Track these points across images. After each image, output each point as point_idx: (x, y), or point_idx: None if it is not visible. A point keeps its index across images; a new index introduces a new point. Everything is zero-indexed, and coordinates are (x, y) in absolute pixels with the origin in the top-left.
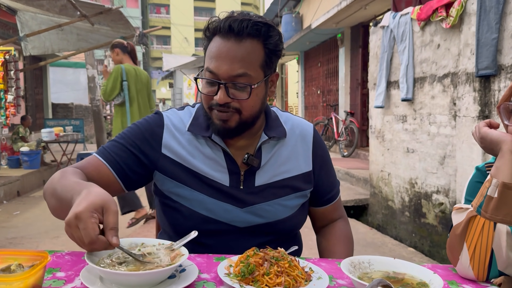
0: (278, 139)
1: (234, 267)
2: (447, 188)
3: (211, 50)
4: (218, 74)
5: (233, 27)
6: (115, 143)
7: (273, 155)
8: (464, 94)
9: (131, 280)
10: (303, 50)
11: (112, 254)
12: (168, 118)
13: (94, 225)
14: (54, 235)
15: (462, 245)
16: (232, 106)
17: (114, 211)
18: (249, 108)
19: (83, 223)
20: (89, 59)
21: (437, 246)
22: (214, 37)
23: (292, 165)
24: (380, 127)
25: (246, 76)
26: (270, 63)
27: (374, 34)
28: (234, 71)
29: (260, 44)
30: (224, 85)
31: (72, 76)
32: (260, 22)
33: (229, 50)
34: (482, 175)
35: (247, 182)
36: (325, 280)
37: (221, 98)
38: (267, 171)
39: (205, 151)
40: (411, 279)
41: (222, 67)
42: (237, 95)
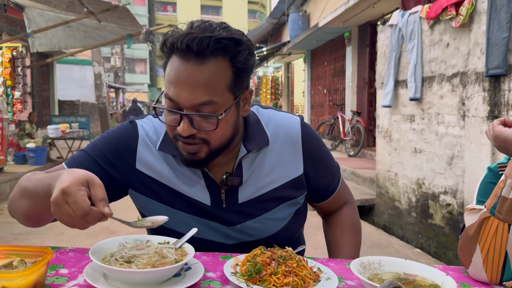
0: (260, 148)
1: (240, 266)
2: (455, 189)
3: (169, 73)
4: (179, 102)
5: (192, 46)
6: (85, 154)
7: (256, 167)
8: (473, 94)
9: (135, 278)
10: (309, 49)
11: (115, 253)
12: (142, 128)
13: (84, 197)
14: (59, 231)
15: (475, 246)
16: (199, 137)
17: (99, 184)
18: (218, 138)
19: (72, 196)
20: (96, 56)
21: (444, 247)
22: (172, 55)
23: (278, 173)
24: (388, 126)
25: (212, 103)
26: (240, 83)
27: (382, 33)
28: (197, 99)
29: (227, 62)
30: (187, 116)
31: (78, 73)
32: (224, 38)
33: (190, 75)
34: (495, 175)
35: (229, 200)
36: (334, 280)
37: (184, 130)
38: (251, 185)
39: (181, 168)
40: (423, 281)
41: (182, 94)
42: (203, 126)
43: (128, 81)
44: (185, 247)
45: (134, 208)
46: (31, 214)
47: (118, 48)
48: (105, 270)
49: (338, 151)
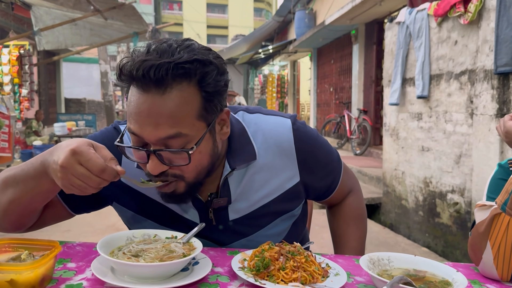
0: (247, 163)
1: (248, 261)
2: (463, 188)
3: (129, 104)
4: (143, 138)
5: (150, 75)
6: None
7: (246, 184)
8: (481, 91)
9: (143, 272)
10: (316, 47)
11: (123, 247)
12: (127, 134)
13: (97, 154)
14: (66, 228)
15: (486, 243)
16: (171, 174)
17: (103, 146)
18: (192, 171)
19: (84, 155)
20: (102, 55)
21: (451, 246)
22: (132, 84)
23: (272, 186)
24: (395, 124)
25: (180, 136)
26: (212, 107)
27: (390, 30)
28: (162, 133)
29: (193, 88)
30: (153, 153)
31: (85, 71)
32: (186, 62)
33: (151, 107)
34: (505, 172)
35: (219, 219)
36: (343, 276)
37: (153, 169)
38: (242, 202)
39: None
40: (433, 277)
41: (145, 129)
42: (174, 161)
43: None
44: (192, 241)
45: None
46: (17, 205)
47: (124, 46)
48: (113, 264)
49: (344, 149)
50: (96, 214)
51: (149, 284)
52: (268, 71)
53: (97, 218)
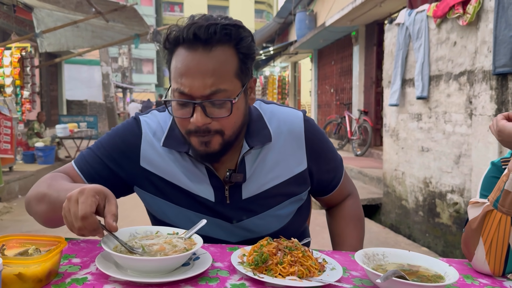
0: (263, 145)
1: (247, 256)
2: (462, 188)
3: (176, 66)
4: (190, 93)
5: (199, 34)
6: (92, 153)
7: (259, 164)
8: (480, 92)
9: (145, 266)
10: (316, 48)
11: (128, 241)
12: (146, 124)
13: (92, 202)
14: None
15: (478, 239)
16: (213, 130)
17: (116, 203)
18: (231, 126)
19: (84, 197)
20: (104, 56)
21: (451, 246)
22: (177, 49)
23: (282, 169)
24: (395, 125)
25: (222, 91)
26: (245, 70)
27: (389, 32)
28: (208, 87)
29: (232, 49)
30: (200, 105)
31: (86, 73)
32: (229, 25)
33: (199, 64)
34: (498, 170)
35: (233, 196)
36: (339, 270)
37: (198, 120)
38: (254, 181)
39: (186, 164)
40: (426, 272)
41: (193, 84)
42: (216, 114)
43: (136, 81)
44: (193, 237)
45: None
46: (51, 219)
47: (126, 48)
48: (117, 258)
49: (345, 150)
50: None
51: (151, 277)
52: (269, 72)
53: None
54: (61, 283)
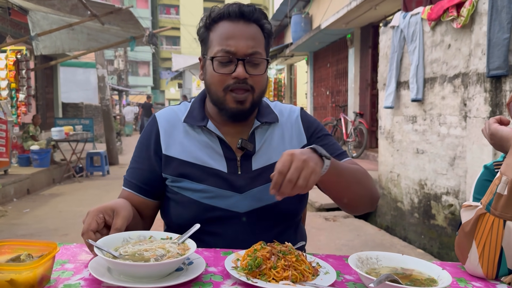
0: (270, 123)
1: (241, 261)
2: (457, 190)
3: (221, 33)
4: (235, 52)
5: (244, 10)
6: (131, 169)
7: (267, 139)
8: (474, 94)
9: (138, 271)
10: (312, 51)
11: (119, 248)
12: (161, 116)
13: (92, 221)
14: (64, 232)
15: (471, 242)
16: (249, 83)
17: (122, 216)
18: (261, 86)
19: (87, 218)
20: (99, 59)
21: (446, 247)
22: (219, 23)
23: (286, 145)
24: (390, 127)
25: (259, 54)
26: (268, 48)
27: (384, 34)
28: (250, 48)
29: (259, 28)
30: (242, 61)
31: (82, 75)
32: (261, 10)
33: (243, 30)
34: (491, 173)
35: (244, 167)
36: (333, 275)
37: (240, 72)
38: (263, 154)
39: (201, 140)
40: (419, 275)
41: (239, 44)
42: (252, 72)
43: (132, 83)
44: (187, 242)
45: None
46: None
47: (122, 51)
48: (109, 264)
49: None
50: None
51: (144, 283)
52: None
53: None
54: None
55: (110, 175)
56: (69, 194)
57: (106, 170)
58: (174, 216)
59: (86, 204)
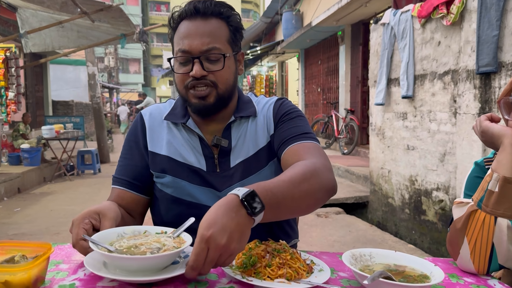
0: (248, 117)
1: (236, 260)
2: (447, 185)
3: (179, 33)
4: (190, 51)
5: (199, 7)
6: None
7: (243, 133)
8: (464, 91)
9: (135, 264)
10: (303, 48)
11: (114, 242)
12: (147, 114)
13: (79, 230)
14: (55, 231)
15: (463, 239)
16: (209, 80)
17: (109, 217)
18: (224, 81)
19: (74, 226)
20: (90, 57)
21: (437, 243)
22: (180, 23)
23: (261, 137)
24: (381, 124)
25: (217, 49)
26: (235, 40)
27: (375, 32)
28: (205, 45)
29: (224, 22)
30: (198, 59)
31: (72, 73)
32: (220, 3)
33: (198, 28)
34: (481, 170)
35: (222, 165)
36: (327, 272)
37: (196, 71)
38: (240, 149)
39: (182, 137)
40: (412, 272)
41: (193, 43)
42: (211, 68)
43: (122, 81)
44: (182, 236)
45: None
46: None
47: (112, 48)
48: (106, 258)
49: (332, 149)
50: None
51: (141, 276)
52: (257, 71)
53: None
54: None
55: (101, 173)
56: (60, 193)
57: (97, 168)
58: (158, 214)
59: (77, 202)
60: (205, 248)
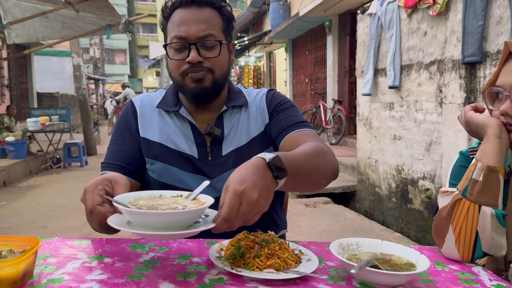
0: (240, 107)
1: (225, 251)
2: (433, 174)
3: (174, 21)
4: (187, 37)
5: None
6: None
7: (236, 123)
8: (450, 81)
9: (163, 220)
10: (291, 38)
11: (133, 203)
12: (137, 101)
13: (95, 196)
14: (42, 225)
15: (448, 227)
16: (205, 66)
17: (122, 184)
18: (220, 67)
19: (88, 193)
20: (74, 47)
21: (423, 231)
22: (174, 12)
23: (253, 126)
24: (368, 114)
25: (212, 36)
26: (228, 30)
27: (362, 22)
28: (201, 31)
29: (217, 11)
30: (195, 45)
31: (57, 64)
32: None
33: (194, 15)
34: (466, 159)
35: (214, 153)
36: (315, 261)
37: (193, 57)
38: (232, 138)
39: (174, 125)
40: (399, 260)
41: (190, 29)
42: (207, 55)
43: (108, 72)
44: (200, 198)
45: None
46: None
47: (97, 39)
48: (132, 216)
49: None
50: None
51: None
52: (244, 62)
53: (75, 213)
54: (36, 284)
55: (88, 165)
56: (47, 186)
57: (84, 161)
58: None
59: (64, 195)
60: (238, 201)
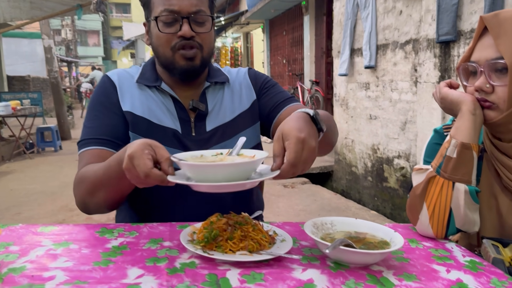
0: (222, 84)
1: (197, 234)
2: (408, 153)
3: None
4: (179, 10)
5: None
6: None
7: (219, 99)
8: (425, 60)
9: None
10: (268, 18)
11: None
12: (115, 75)
13: (146, 160)
14: (16, 211)
15: (422, 205)
16: (196, 41)
17: (162, 147)
18: (209, 44)
19: (136, 159)
20: (45, 29)
21: (398, 208)
22: None
23: (238, 103)
24: (344, 95)
25: (204, 12)
26: (212, 7)
27: (338, 1)
28: (193, 6)
29: None
30: (187, 19)
31: (27, 47)
32: None
33: None
34: (440, 137)
35: (198, 129)
36: (289, 242)
37: (186, 31)
38: (217, 114)
39: (156, 100)
40: (373, 238)
41: (182, 3)
42: (198, 30)
43: (81, 54)
44: (243, 153)
45: None
46: (113, 199)
47: (69, 20)
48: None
49: None
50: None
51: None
52: (221, 43)
53: (49, 199)
54: None
55: (62, 150)
56: (20, 172)
57: (58, 146)
58: None
59: (38, 181)
60: (301, 147)
